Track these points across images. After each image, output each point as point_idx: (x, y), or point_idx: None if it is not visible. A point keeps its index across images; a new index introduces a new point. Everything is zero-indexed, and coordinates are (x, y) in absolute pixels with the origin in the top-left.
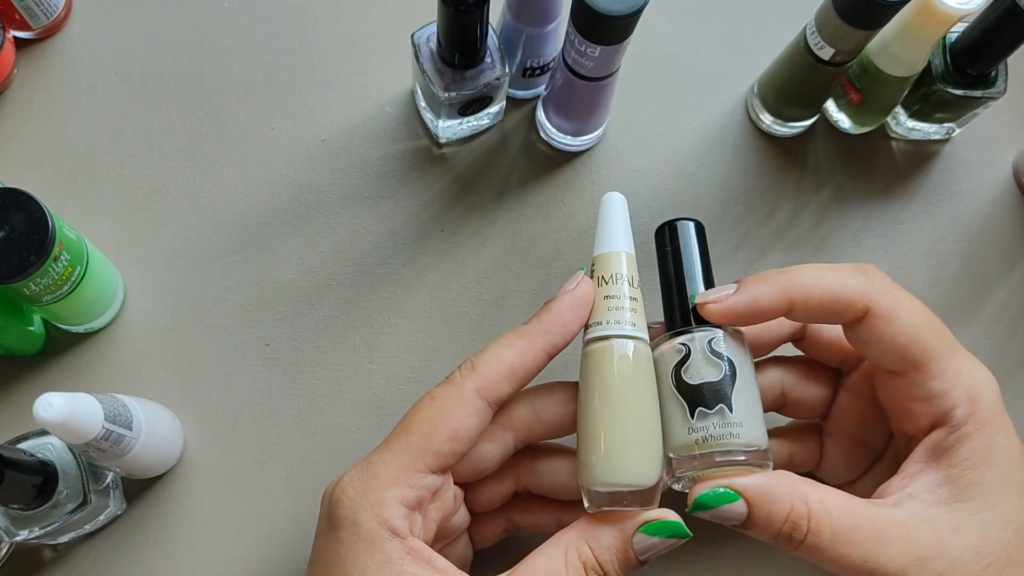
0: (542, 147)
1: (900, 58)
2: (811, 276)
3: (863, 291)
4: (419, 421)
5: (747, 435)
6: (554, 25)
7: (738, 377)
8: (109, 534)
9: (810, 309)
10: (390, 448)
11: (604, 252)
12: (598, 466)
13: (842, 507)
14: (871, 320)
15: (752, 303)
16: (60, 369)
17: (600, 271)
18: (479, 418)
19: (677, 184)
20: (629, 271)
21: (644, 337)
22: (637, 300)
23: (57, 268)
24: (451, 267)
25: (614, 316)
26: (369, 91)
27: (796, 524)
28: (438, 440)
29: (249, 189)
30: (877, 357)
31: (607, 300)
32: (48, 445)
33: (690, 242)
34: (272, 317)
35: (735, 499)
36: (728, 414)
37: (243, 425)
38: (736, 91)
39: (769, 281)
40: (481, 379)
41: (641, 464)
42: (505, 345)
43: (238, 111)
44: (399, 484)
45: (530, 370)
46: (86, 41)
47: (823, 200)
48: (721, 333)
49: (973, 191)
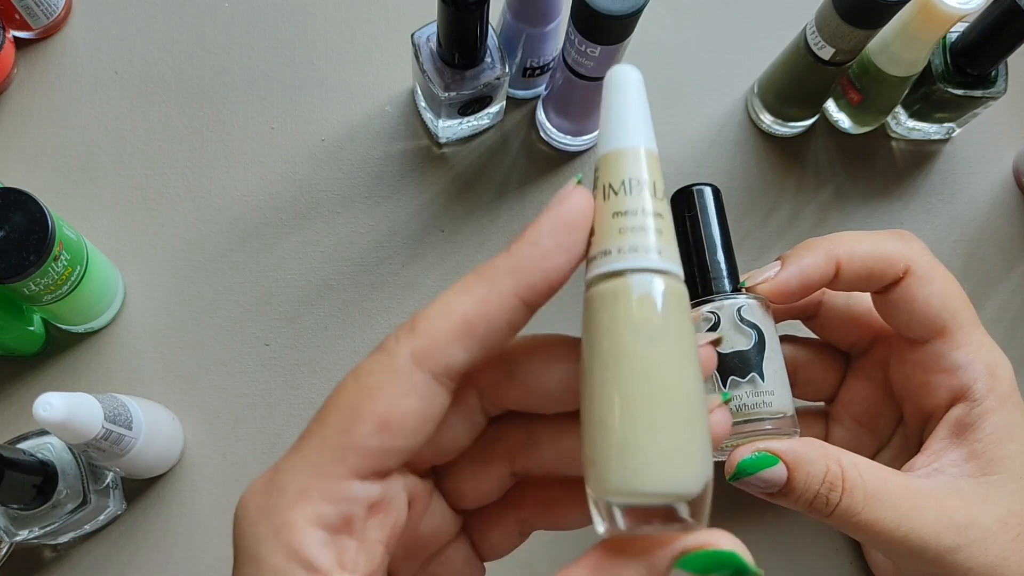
0: (542, 147)
1: (900, 58)
2: (852, 239)
3: (903, 252)
4: (336, 408)
5: (778, 403)
6: (554, 25)
7: (767, 345)
8: (109, 534)
9: (854, 271)
10: (300, 448)
11: (613, 149)
12: (611, 466)
13: (874, 471)
14: (908, 280)
15: (802, 275)
16: (60, 369)
17: (607, 177)
18: (420, 398)
19: (677, 184)
20: (651, 174)
21: (676, 271)
22: (664, 217)
23: (57, 268)
24: (451, 267)
25: (630, 240)
26: (369, 91)
27: (832, 485)
28: (362, 433)
29: (249, 189)
30: (906, 321)
31: (618, 218)
32: (48, 445)
33: (708, 208)
34: (272, 317)
35: (775, 462)
36: (760, 382)
37: (243, 425)
38: (736, 91)
39: (812, 249)
40: (420, 341)
41: (679, 461)
42: (457, 292)
43: (238, 111)
44: (311, 499)
45: (495, 325)
46: (86, 41)
47: (823, 200)
48: (750, 301)
49: (973, 191)
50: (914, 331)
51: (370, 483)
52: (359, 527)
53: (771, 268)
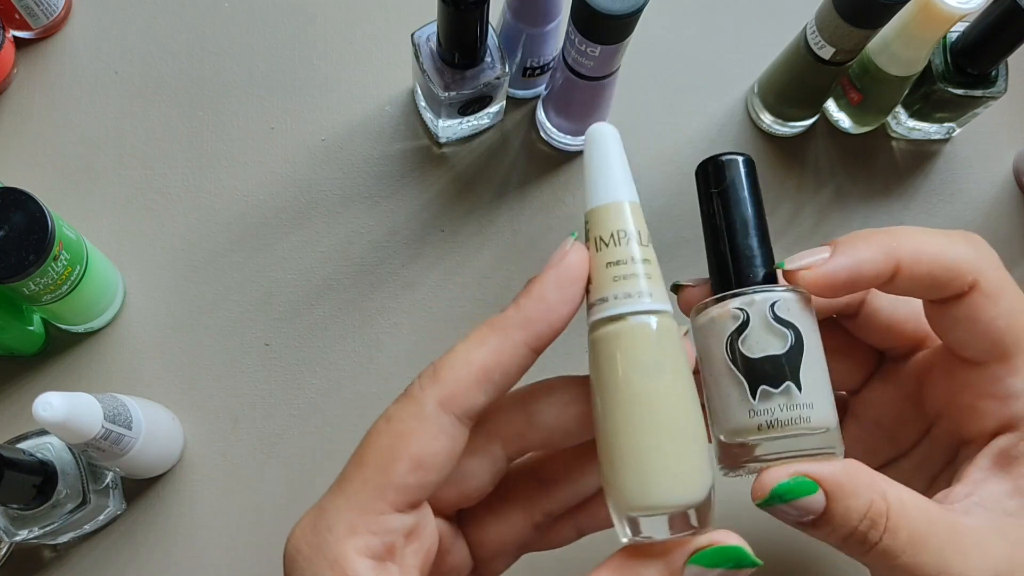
0: (542, 147)
1: (900, 57)
2: (917, 239)
3: (973, 262)
4: (374, 450)
5: (819, 417)
6: (554, 25)
7: (805, 348)
8: (109, 534)
9: (915, 278)
10: (343, 489)
11: (600, 204)
12: (629, 487)
13: (919, 508)
14: (975, 297)
15: (855, 269)
16: (60, 369)
17: (597, 231)
18: (448, 438)
19: (677, 184)
20: (636, 224)
21: (667, 309)
22: (651, 262)
23: (57, 268)
24: (451, 267)
25: (624, 287)
26: (369, 91)
27: (874, 522)
28: (399, 472)
29: (249, 189)
30: (964, 340)
31: (611, 268)
32: (48, 445)
33: (739, 182)
34: (272, 317)
35: (814, 490)
36: (796, 394)
37: (243, 425)
38: (736, 91)
39: (871, 242)
40: (445, 389)
41: (685, 476)
42: (474, 343)
43: (238, 111)
44: (359, 533)
45: (509, 371)
46: (86, 41)
47: (823, 200)
48: (786, 295)
49: (973, 191)
50: (971, 352)
51: (406, 514)
52: (399, 553)
53: (818, 252)
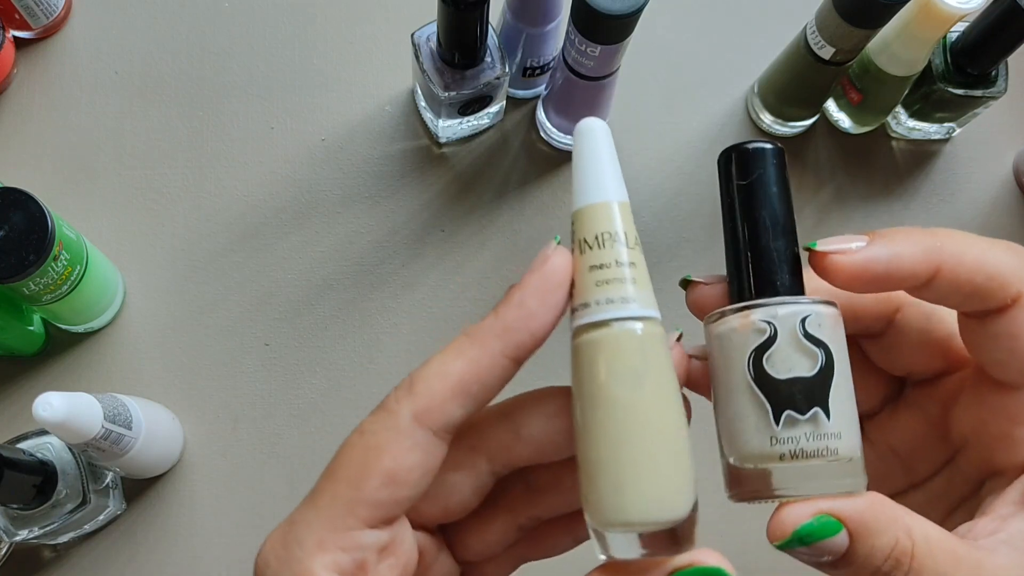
0: (542, 147)
1: (901, 57)
2: (962, 241)
3: (1019, 273)
4: (346, 464)
5: (846, 447)
6: (554, 25)
7: (836, 370)
8: (109, 534)
9: (956, 283)
10: (314, 503)
11: (586, 204)
12: (606, 500)
13: (945, 547)
14: (1017, 311)
15: (893, 262)
16: (60, 369)
17: (583, 232)
18: (423, 453)
19: (677, 184)
20: (624, 226)
21: (652, 315)
22: (638, 266)
23: (57, 268)
24: (451, 267)
25: (607, 292)
26: (369, 91)
27: (899, 562)
28: (370, 487)
29: (249, 189)
30: (1002, 360)
31: (595, 271)
32: (48, 445)
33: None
34: (272, 317)
35: (838, 530)
36: (824, 422)
37: (243, 425)
38: (736, 91)
39: (912, 238)
40: (420, 402)
41: (665, 492)
42: (451, 354)
43: (238, 111)
44: (328, 549)
45: (487, 383)
46: (86, 41)
47: (823, 200)
48: (819, 308)
49: (973, 191)
50: (1010, 373)
51: (379, 530)
52: (372, 570)
53: (855, 239)
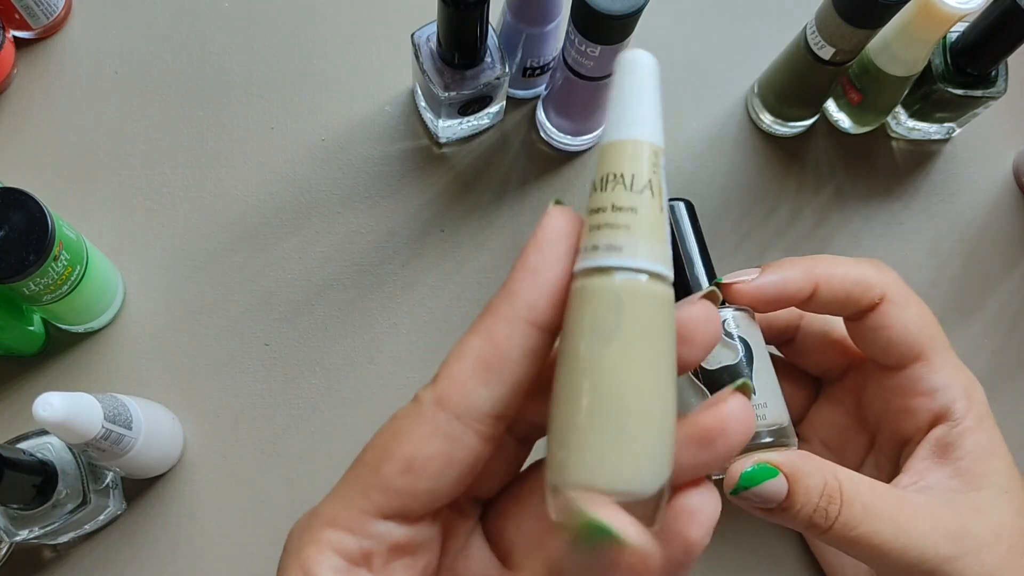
0: (542, 147)
1: (900, 57)
2: (831, 261)
3: (879, 278)
4: (372, 448)
5: (772, 414)
6: (554, 25)
7: (755, 356)
8: (109, 534)
9: (832, 293)
10: (340, 483)
11: (613, 140)
12: (568, 460)
13: (869, 484)
14: (885, 307)
15: (781, 284)
16: (60, 369)
17: (604, 168)
18: (444, 439)
19: (677, 184)
20: (632, 167)
21: (661, 271)
22: (639, 212)
23: (57, 268)
24: (451, 267)
25: (611, 237)
26: (369, 91)
27: (831, 498)
28: (387, 473)
29: (249, 189)
30: (884, 347)
31: (593, 215)
32: (48, 445)
33: (684, 222)
34: (272, 317)
35: (776, 474)
36: (752, 396)
37: (243, 425)
38: (736, 91)
39: (793, 264)
40: (441, 385)
41: (632, 461)
42: (468, 334)
43: (238, 111)
44: (335, 526)
45: (507, 354)
46: (86, 41)
47: (823, 200)
48: (732, 313)
49: (973, 191)
50: (892, 357)
51: (395, 524)
52: (379, 565)
53: (750, 272)
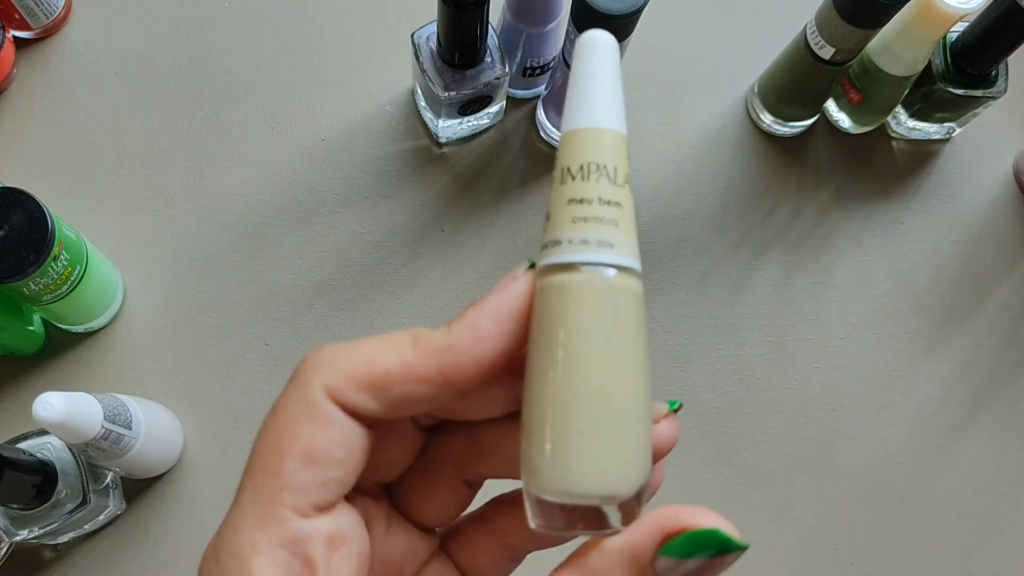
0: (542, 147)
1: (901, 57)
2: None
3: None
4: (262, 451)
5: None
6: (554, 25)
7: None
8: (109, 534)
9: None
10: (238, 503)
11: (575, 127)
12: (544, 465)
13: None
14: None
15: None
16: (60, 369)
17: (567, 159)
18: (339, 427)
19: (677, 184)
20: (613, 158)
21: (632, 265)
22: (623, 207)
23: (57, 268)
24: (451, 267)
25: (583, 231)
26: (369, 91)
27: None
28: (289, 471)
29: (249, 189)
30: None
31: (573, 206)
32: (48, 445)
33: None
34: (272, 317)
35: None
36: None
37: (243, 425)
38: (736, 91)
39: None
40: (335, 377)
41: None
42: (390, 347)
43: (238, 111)
44: (261, 550)
45: (411, 392)
46: (86, 41)
47: (823, 200)
48: None
49: (973, 191)
50: None
51: (316, 519)
52: (322, 565)
53: None
